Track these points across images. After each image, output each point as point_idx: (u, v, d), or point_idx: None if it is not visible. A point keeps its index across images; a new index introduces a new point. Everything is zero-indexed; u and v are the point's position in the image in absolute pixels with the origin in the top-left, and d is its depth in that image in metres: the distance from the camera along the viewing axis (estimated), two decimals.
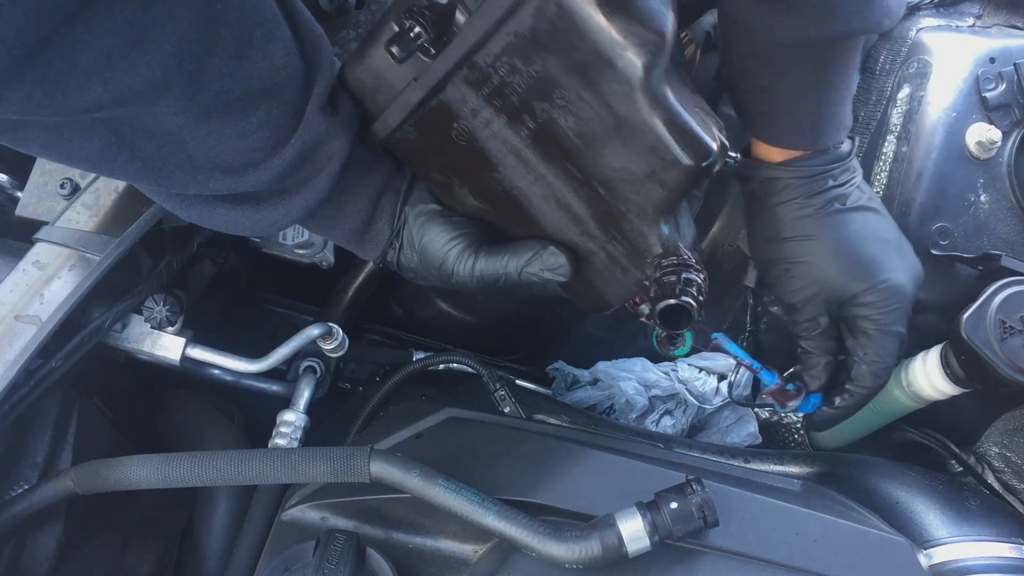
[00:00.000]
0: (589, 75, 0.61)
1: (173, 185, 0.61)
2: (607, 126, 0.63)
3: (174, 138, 0.57)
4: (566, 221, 0.69)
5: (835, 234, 0.78)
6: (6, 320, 0.70)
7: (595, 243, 0.69)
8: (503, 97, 0.63)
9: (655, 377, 0.99)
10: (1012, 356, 0.75)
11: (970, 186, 0.86)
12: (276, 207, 0.65)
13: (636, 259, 0.69)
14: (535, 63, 0.61)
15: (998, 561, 0.67)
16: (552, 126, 0.64)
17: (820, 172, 0.77)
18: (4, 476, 0.71)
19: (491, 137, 0.65)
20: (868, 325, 0.78)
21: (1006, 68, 0.87)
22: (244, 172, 0.61)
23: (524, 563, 0.62)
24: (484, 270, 0.68)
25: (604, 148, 0.64)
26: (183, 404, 0.91)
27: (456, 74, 0.63)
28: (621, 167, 0.64)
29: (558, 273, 0.67)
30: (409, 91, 0.64)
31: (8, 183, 0.83)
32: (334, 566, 0.59)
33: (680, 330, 0.67)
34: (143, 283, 0.78)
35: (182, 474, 0.65)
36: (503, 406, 0.86)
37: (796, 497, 0.73)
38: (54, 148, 0.56)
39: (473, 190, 0.70)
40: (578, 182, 0.66)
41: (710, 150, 0.63)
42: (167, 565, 0.81)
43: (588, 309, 0.75)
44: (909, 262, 0.79)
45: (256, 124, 0.59)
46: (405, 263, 0.72)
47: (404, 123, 0.66)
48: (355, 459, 0.64)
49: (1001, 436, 0.84)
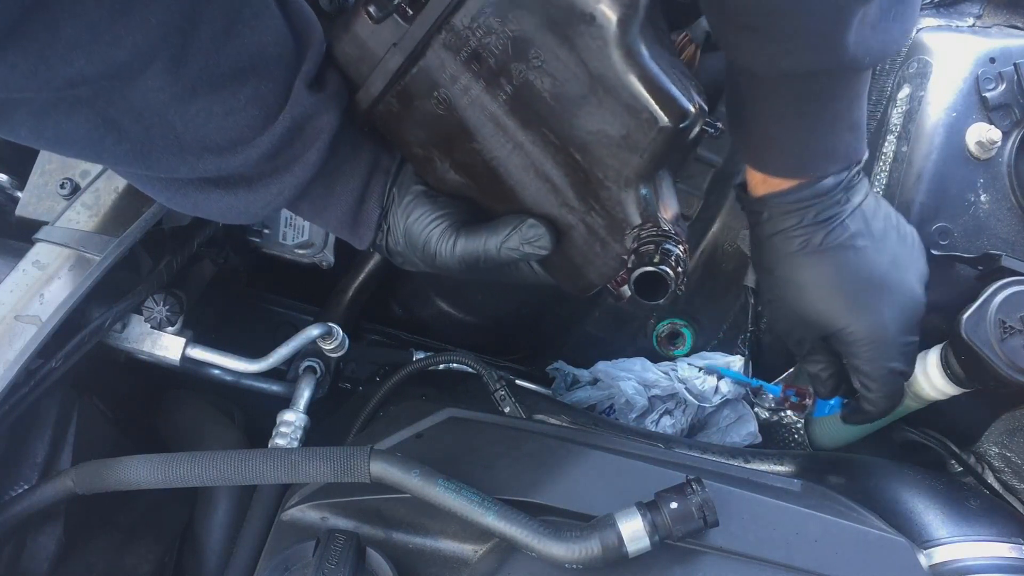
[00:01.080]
0: (564, 31, 0.61)
1: (162, 168, 0.61)
2: (582, 85, 0.62)
3: (161, 119, 0.57)
4: (544, 192, 0.68)
5: (808, 275, 0.77)
6: (6, 320, 0.70)
7: (574, 215, 0.68)
8: (480, 61, 0.64)
9: (655, 377, 0.99)
10: (1012, 356, 0.75)
11: (970, 186, 0.86)
12: (268, 187, 0.65)
13: (615, 231, 0.68)
14: (511, 22, 0.61)
15: (998, 561, 0.67)
16: (529, 89, 0.64)
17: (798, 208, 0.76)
18: (4, 476, 0.71)
19: (470, 105, 0.66)
20: (857, 362, 0.79)
21: (1006, 68, 0.87)
22: (233, 151, 0.61)
23: (524, 563, 0.62)
24: (465, 249, 0.68)
25: (580, 109, 0.63)
26: (183, 404, 0.91)
27: (435, 38, 0.63)
28: (597, 129, 0.64)
29: (538, 246, 0.67)
30: (389, 57, 0.65)
31: (8, 183, 0.83)
32: (334, 566, 0.59)
33: (656, 300, 0.64)
34: (143, 283, 0.78)
35: (182, 474, 0.65)
36: (503, 406, 0.86)
37: (796, 497, 0.73)
38: (42, 133, 0.56)
39: (454, 164, 0.70)
40: (555, 148, 0.66)
41: (687, 110, 0.62)
42: (167, 565, 0.81)
43: (571, 290, 0.73)
44: (895, 299, 0.77)
45: (244, 101, 0.59)
46: (393, 247, 0.72)
47: (386, 92, 0.66)
48: (355, 459, 0.64)
49: (1001, 436, 0.84)
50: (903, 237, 0.79)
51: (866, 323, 0.76)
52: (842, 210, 0.75)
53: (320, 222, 0.72)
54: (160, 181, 0.64)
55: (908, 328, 0.78)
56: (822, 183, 0.74)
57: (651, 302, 0.64)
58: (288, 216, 0.97)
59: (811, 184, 0.74)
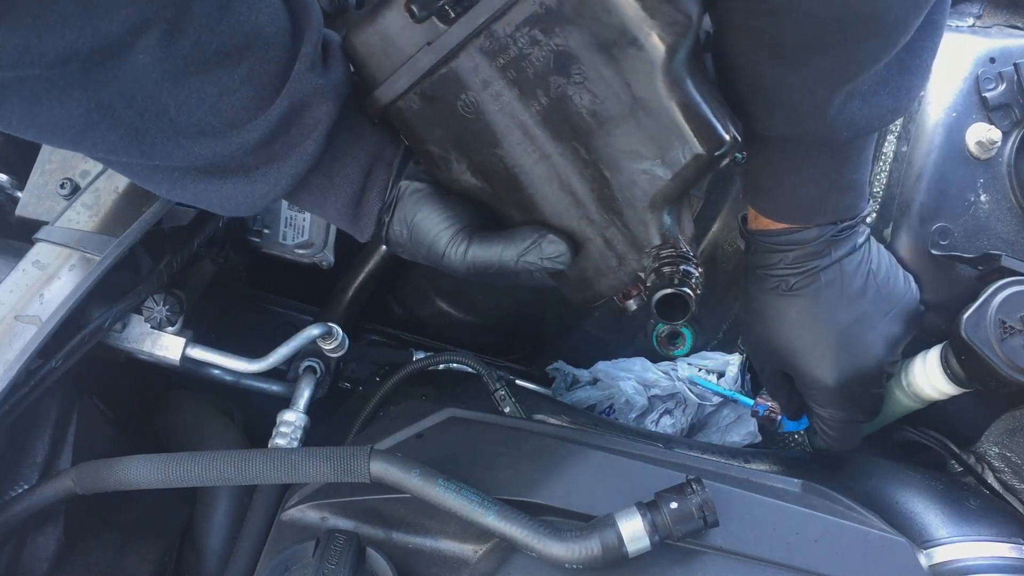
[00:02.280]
0: (612, 52, 0.61)
1: (157, 154, 0.60)
2: (623, 106, 0.62)
3: (155, 102, 0.57)
4: (566, 204, 0.68)
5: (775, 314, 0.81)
6: (6, 320, 0.70)
7: (594, 229, 0.68)
8: (519, 69, 0.63)
9: (654, 376, 0.99)
10: (1012, 356, 0.75)
11: (970, 186, 0.86)
12: (266, 177, 0.65)
13: (634, 248, 0.68)
14: (557, 36, 0.61)
15: (998, 561, 0.67)
16: (565, 103, 0.63)
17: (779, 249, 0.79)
18: (4, 476, 0.71)
19: (499, 111, 0.65)
20: (810, 403, 0.85)
21: (1006, 68, 0.87)
22: (228, 134, 0.60)
23: (524, 563, 0.62)
24: (477, 257, 0.67)
25: (617, 128, 0.63)
26: (183, 404, 0.91)
27: (472, 42, 0.62)
28: (631, 150, 0.64)
29: (558, 262, 0.67)
30: (421, 56, 0.63)
31: (8, 183, 0.83)
32: (334, 566, 0.59)
33: (676, 321, 0.66)
34: (143, 283, 0.78)
35: (182, 474, 0.65)
36: (503, 406, 0.86)
37: (796, 497, 0.73)
38: (34, 120, 0.55)
39: (472, 166, 0.69)
40: (584, 163, 0.66)
41: (723, 140, 0.63)
42: (167, 565, 0.81)
43: (575, 300, 0.74)
44: (850, 356, 0.79)
45: (238, 81, 0.59)
46: (394, 238, 0.71)
47: (410, 90, 0.65)
48: (355, 459, 0.64)
49: (1001, 436, 0.84)
50: (883, 298, 0.80)
51: (819, 372, 0.80)
52: (819, 262, 0.78)
53: (321, 213, 0.71)
54: (159, 172, 0.64)
55: (864, 383, 0.81)
56: (804, 232, 0.77)
57: (670, 322, 0.67)
58: (288, 216, 0.97)
59: (794, 232, 0.78)
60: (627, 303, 0.71)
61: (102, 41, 0.51)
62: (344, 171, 0.68)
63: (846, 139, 0.70)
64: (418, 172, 0.71)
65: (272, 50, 0.60)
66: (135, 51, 0.53)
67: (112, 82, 0.54)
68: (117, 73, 0.54)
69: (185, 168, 0.63)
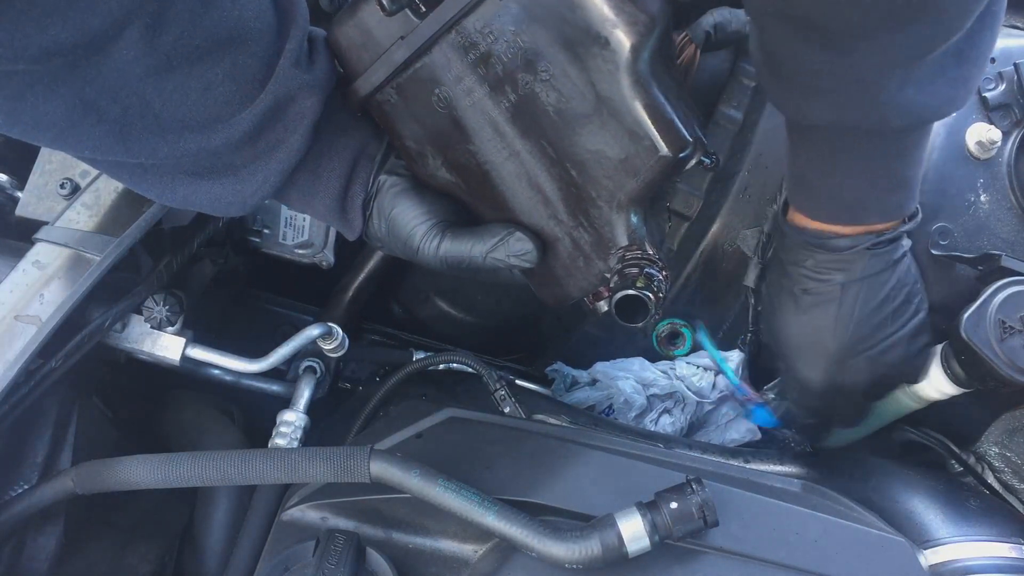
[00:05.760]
0: (577, 50, 0.61)
1: (143, 151, 0.60)
2: (588, 104, 0.63)
3: (139, 97, 0.57)
4: (535, 202, 0.69)
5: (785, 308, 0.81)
6: (6, 320, 0.70)
7: (562, 228, 0.69)
8: (488, 65, 0.64)
9: (653, 376, 0.99)
10: (1012, 356, 0.75)
11: (970, 186, 0.86)
12: (254, 175, 0.65)
13: (600, 249, 0.69)
14: (524, 33, 0.62)
15: (998, 561, 0.67)
16: (533, 100, 0.64)
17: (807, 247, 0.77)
18: (4, 476, 0.71)
19: (471, 107, 0.66)
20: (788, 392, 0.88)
21: (1006, 68, 0.87)
22: (213, 128, 0.61)
23: (524, 563, 0.62)
24: (449, 251, 0.68)
25: (582, 128, 0.64)
26: (183, 404, 0.91)
27: (444, 37, 0.64)
28: (596, 149, 0.64)
29: (524, 259, 0.67)
30: (395, 49, 0.65)
31: (8, 183, 0.83)
32: (334, 566, 0.59)
33: (635, 324, 0.67)
34: (143, 283, 0.78)
35: (182, 474, 0.65)
36: (503, 406, 0.86)
37: (796, 497, 0.73)
38: (19, 117, 0.55)
39: (447, 162, 0.70)
40: (551, 161, 0.66)
41: (687, 141, 0.64)
42: (167, 565, 0.81)
43: (547, 300, 0.74)
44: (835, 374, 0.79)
45: (222, 76, 0.59)
46: (373, 232, 0.72)
47: (386, 83, 0.67)
48: (355, 459, 0.64)
49: (1001, 436, 0.84)
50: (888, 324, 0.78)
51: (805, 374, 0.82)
52: (842, 277, 0.76)
53: (310, 210, 0.72)
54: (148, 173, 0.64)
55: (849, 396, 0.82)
56: (838, 240, 0.74)
57: (629, 324, 0.67)
58: (288, 216, 0.97)
59: (827, 236, 0.75)
60: (597, 304, 0.72)
61: (85, 35, 0.51)
62: (330, 165, 0.69)
63: (899, 128, 0.65)
64: (398, 167, 0.72)
65: (256, 45, 0.60)
66: (118, 46, 0.53)
67: (96, 78, 0.54)
68: (101, 68, 0.54)
69: (174, 169, 0.63)
